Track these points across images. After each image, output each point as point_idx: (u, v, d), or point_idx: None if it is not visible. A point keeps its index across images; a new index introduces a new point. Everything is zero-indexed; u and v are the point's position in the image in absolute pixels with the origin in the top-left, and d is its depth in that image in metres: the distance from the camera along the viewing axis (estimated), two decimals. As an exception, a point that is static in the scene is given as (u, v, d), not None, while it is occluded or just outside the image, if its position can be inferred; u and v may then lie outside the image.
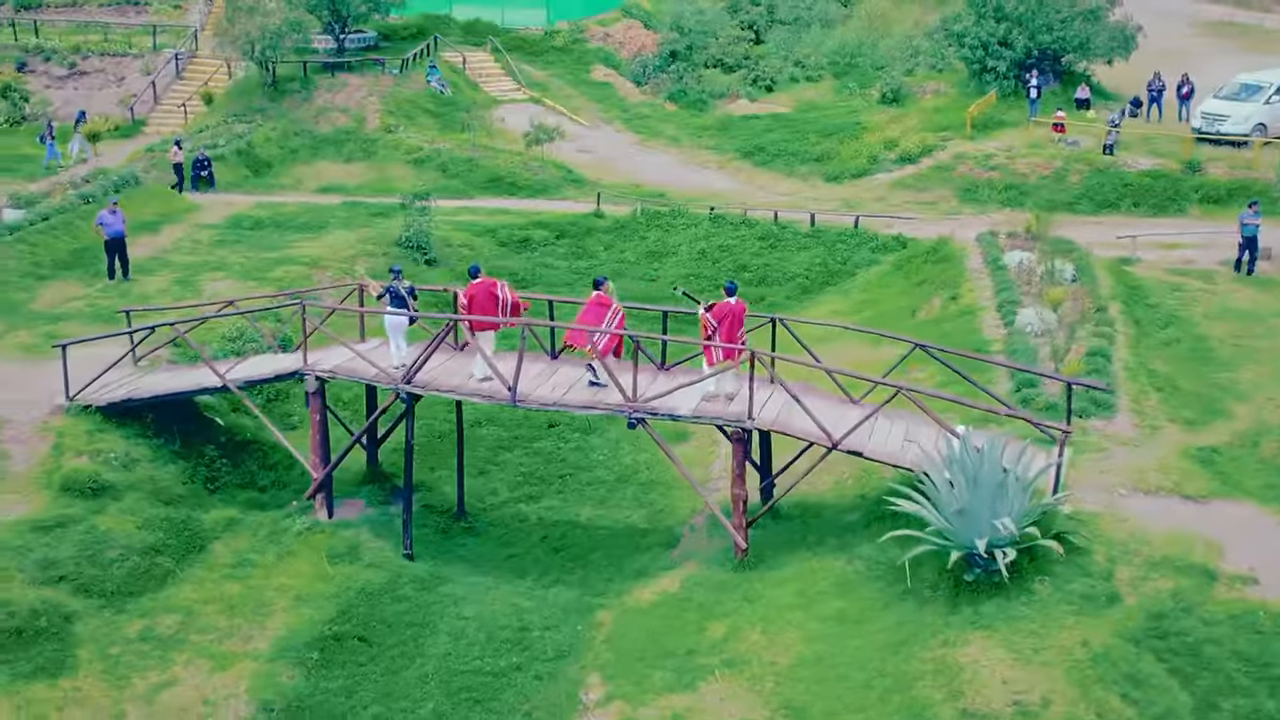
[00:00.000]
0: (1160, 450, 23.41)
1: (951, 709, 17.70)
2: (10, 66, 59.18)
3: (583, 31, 63.29)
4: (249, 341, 28.47)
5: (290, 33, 51.44)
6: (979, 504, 19.81)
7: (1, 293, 32.41)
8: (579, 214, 42.31)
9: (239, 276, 33.68)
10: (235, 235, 38.27)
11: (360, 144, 49.80)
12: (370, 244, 37.61)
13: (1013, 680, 17.89)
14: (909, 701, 18.12)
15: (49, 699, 20.00)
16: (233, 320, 28.66)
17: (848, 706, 18.53)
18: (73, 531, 22.91)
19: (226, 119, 51.95)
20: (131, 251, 35.85)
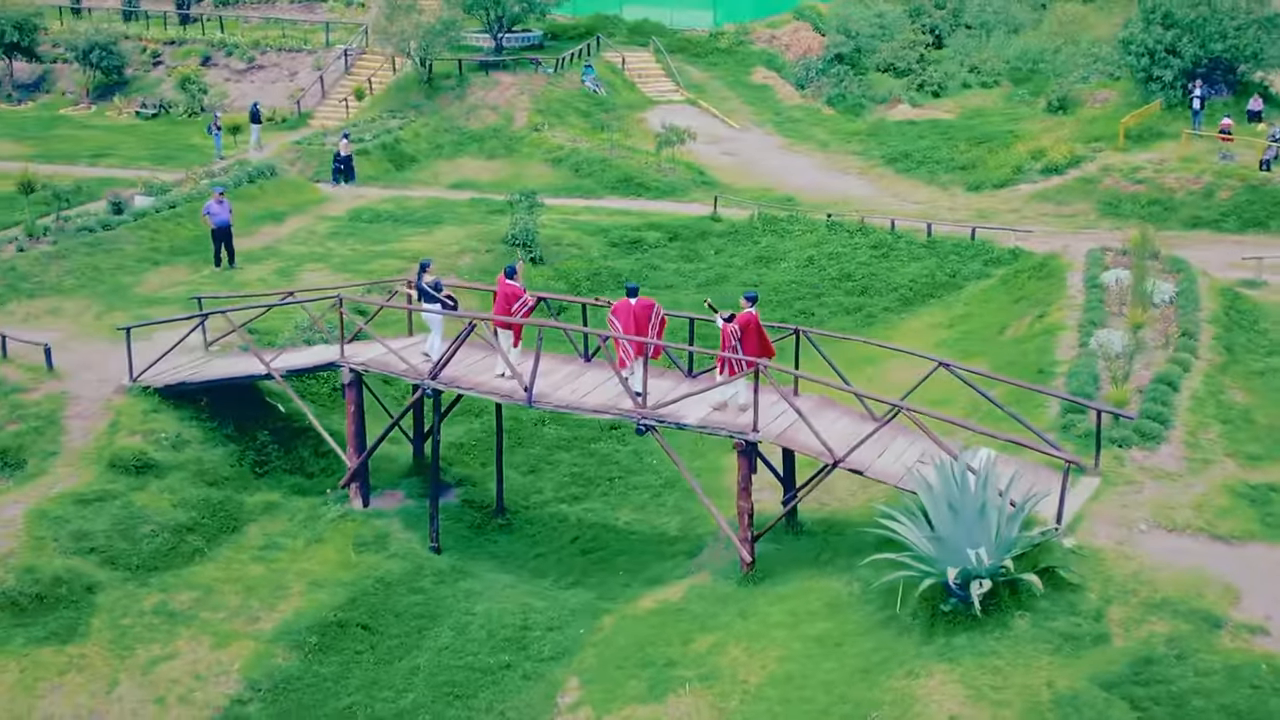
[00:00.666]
0: (1203, 486, 22.04)
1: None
2: (196, 60, 62.22)
3: (748, 33, 63.00)
4: (319, 332, 29.25)
5: (444, 31, 52.62)
6: (958, 531, 19.05)
7: (112, 276, 34.11)
8: (695, 217, 42.16)
9: (336, 269, 34.70)
10: (351, 228, 39.39)
11: (504, 141, 50.64)
12: (477, 240, 38.24)
13: (960, 717, 17.15)
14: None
15: (53, 663, 21.00)
16: (306, 311, 29.50)
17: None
18: (110, 506, 24.01)
19: (381, 114, 53.54)
20: (251, 241, 37.37)
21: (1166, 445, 23.25)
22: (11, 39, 62.37)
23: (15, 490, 24.36)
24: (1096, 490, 21.70)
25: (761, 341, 22.71)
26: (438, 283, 25.89)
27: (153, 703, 20.52)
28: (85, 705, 20.30)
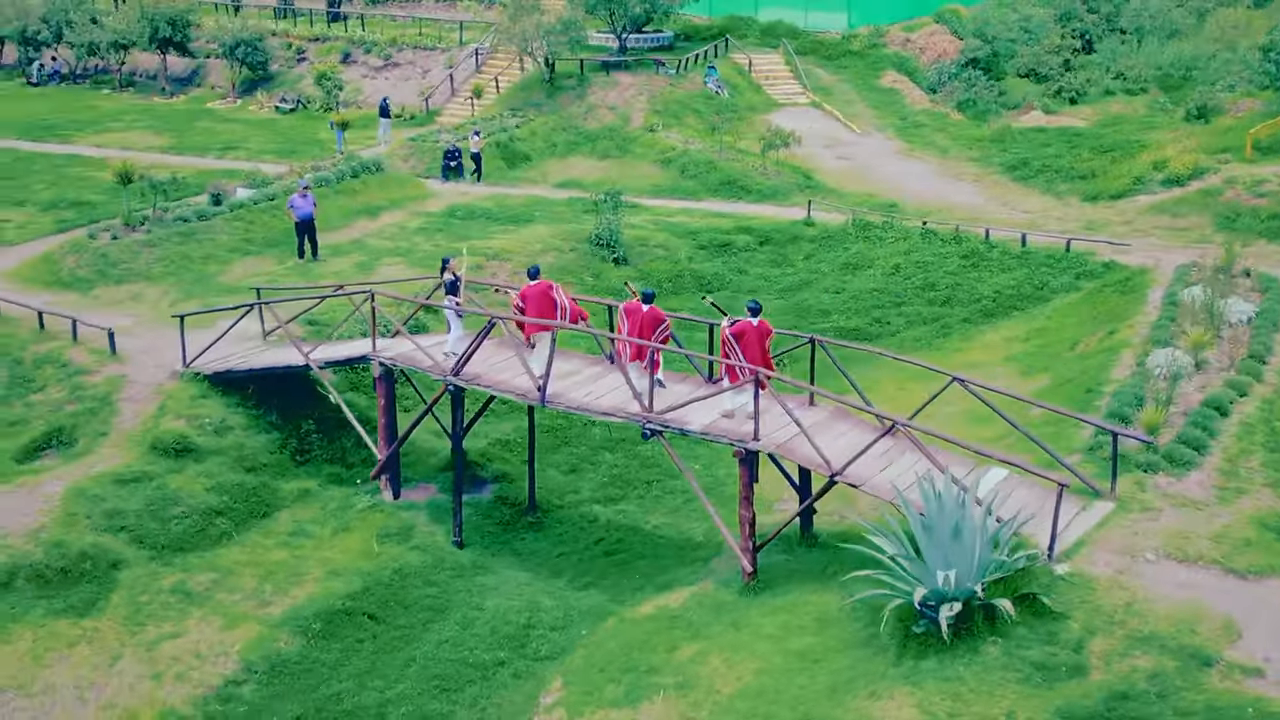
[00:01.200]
0: (1229, 516, 20.98)
1: (837, 764, 16.73)
2: (336, 57, 63.94)
3: (882, 36, 62.01)
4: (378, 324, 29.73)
5: (564, 31, 53.06)
6: (933, 552, 18.50)
7: (200, 265, 35.28)
8: (789, 221, 41.69)
9: (415, 263, 35.25)
10: (442, 224, 40.00)
11: (618, 141, 50.81)
12: (561, 239, 38.45)
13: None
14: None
15: (67, 635, 21.85)
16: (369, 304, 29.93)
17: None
18: (145, 487, 24.87)
19: (503, 112, 54.24)
20: (341, 235, 38.28)
21: (1198, 472, 22.18)
22: (165, 34, 64.94)
23: (62, 468, 25.40)
24: (1108, 516, 20.85)
25: (763, 353, 22.33)
26: (456, 280, 26.15)
27: (150, 678, 21.19)
28: (86, 677, 21.05)
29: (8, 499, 24.14)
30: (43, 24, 69.46)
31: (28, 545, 23.04)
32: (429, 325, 30.90)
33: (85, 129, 56.34)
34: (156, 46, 65.77)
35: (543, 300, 24.21)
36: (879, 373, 29.77)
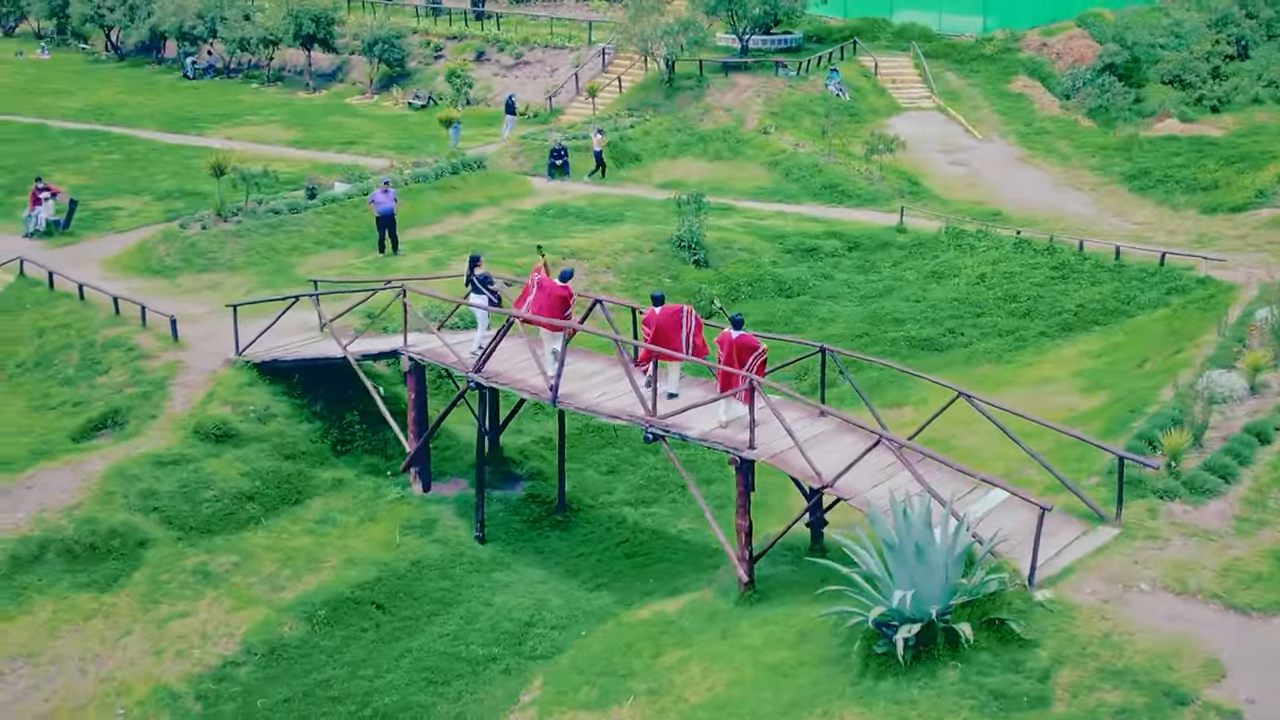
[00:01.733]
0: (1244, 549, 19.95)
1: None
2: (470, 55, 65.03)
3: (1018, 40, 60.44)
4: (434, 319, 30.21)
5: (682, 31, 53.03)
6: (899, 571, 18.05)
7: (285, 256, 36.30)
8: (882, 227, 41.00)
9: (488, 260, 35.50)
10: (530, 222, 40.36)
11: (730, 143, 50.59)
12: (644, 240, 38.47)
13: (847, 764, 16.34)
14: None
15: (84, 608, 22.74)
16: (430, 298, 30.31)
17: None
18: (182, 470, 25.71)
19: (621, 112, 54.48)
20: (429, 230, 38.98)
21: (1219, 501, 21.15)
22: (309, 31, 66.87)
23: (109, 448, 26.41)
24: (1109, 542, 20.05)
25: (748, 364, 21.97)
26: (487, 276, 26.38)
27: (152, 654, 21.91)
28: (93, 650, 21.87)
29: (54, 476, 25.18)
30: (198, 20, 72.17)
31: (62, 521, 24.02)
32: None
33: (223, 122, 58.46)
34: (301, 43, 67.76)
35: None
36: (924, 389, 29.10)
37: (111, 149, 51.86)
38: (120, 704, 20.72)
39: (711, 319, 27.31)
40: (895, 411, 28.24)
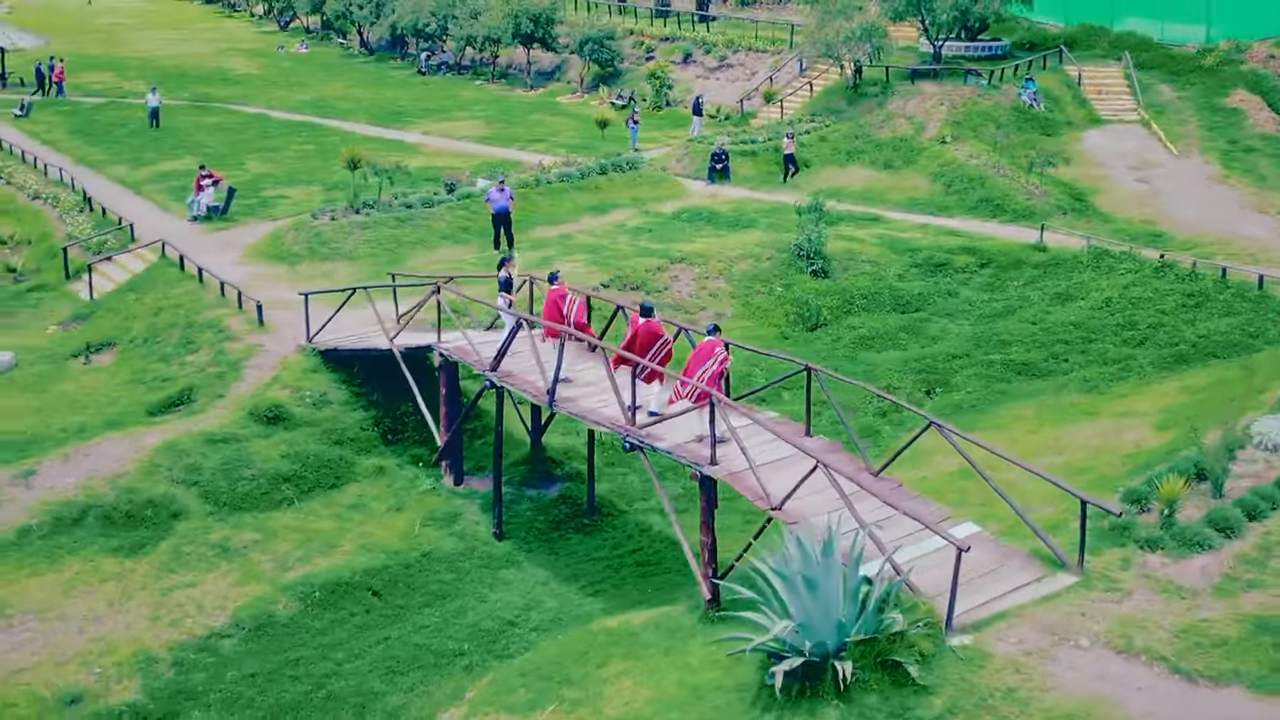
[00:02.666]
0: (1218, 610, 18.41)
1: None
2: (678, 57, 65.43)
3: (1242, 51, 56.64)
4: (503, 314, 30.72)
5: (865, 37, 52.02)
6: (793, 603, 17.47)
7: (406, 249, 37.53)
8: (1021, 244, 39.28)
9: (592, 263, 35.99)
10: (658, 226, 40.42)
11: (904, 152, 49.34)
12: (765, 248, 38.03)
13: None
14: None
15: (105, 571, 24.19)
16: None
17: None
18: (228, 448, 26.99)
19: (805, 117, 53.87)
20: (555, 229, 39.65)
21: (1209, 557, 19.55)
22: (527, 30, 68.60)
23: (173, 422, 27.99)
24: (1061, 590, 18.82)
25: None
26: (508, 279, 26.67)
27: (148, 619, 23.11)
28: (96, 611, 23.24)
29: (114, 446, 26.85)
30: (431, 17, 75.01)
31: (106, 489, 25.62)
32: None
33: (426, 117, 60.68)
34: (520, 41, 69.59)
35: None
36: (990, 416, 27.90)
37: (309, 140, 54.63)
38: (100, 664, 21.95)
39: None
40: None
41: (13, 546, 24.48)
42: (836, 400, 22.84)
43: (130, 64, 76.09)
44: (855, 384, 23.03)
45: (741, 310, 35.61)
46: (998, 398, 30.73)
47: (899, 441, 27.44)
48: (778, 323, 35.27)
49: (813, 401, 23.27)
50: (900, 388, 31.63)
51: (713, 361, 22.09)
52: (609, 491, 27.69)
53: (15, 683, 21.39)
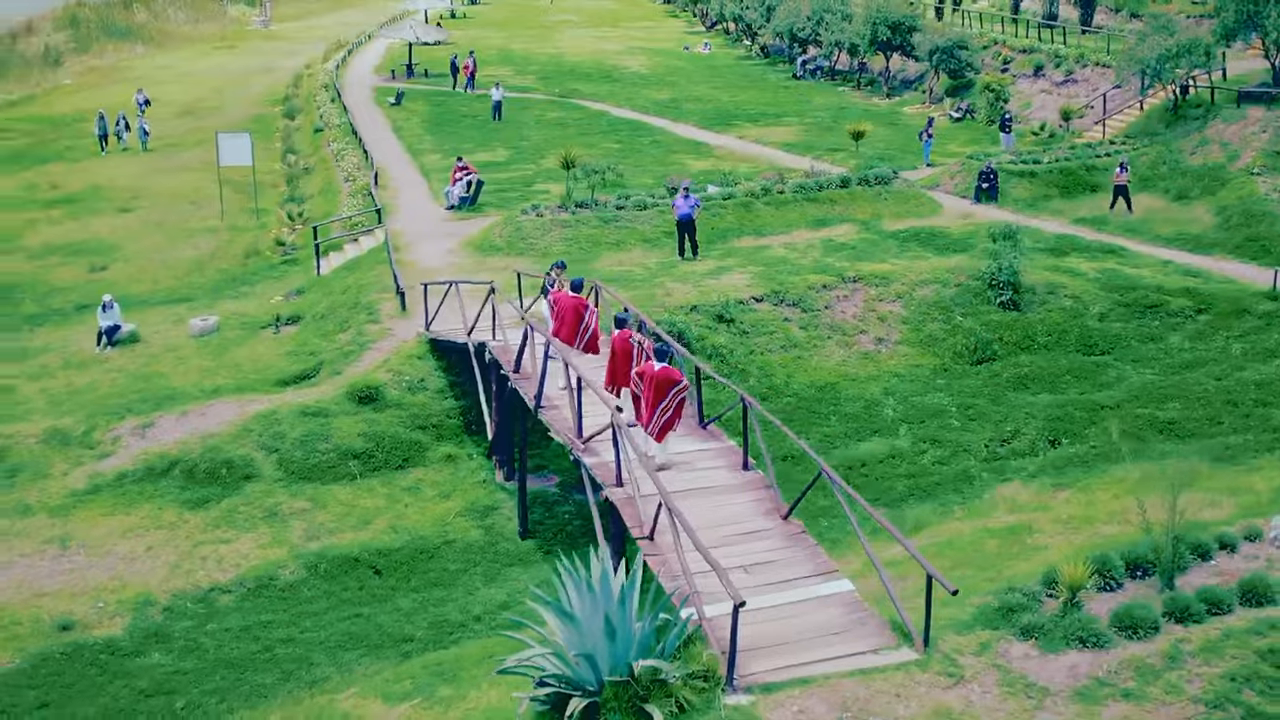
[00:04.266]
0: (1060, 714, 16.54)
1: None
2: (1029, 69, 62.47)
3: None
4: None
5: (1182, 55, 47.83)
6: (567, 637, 17.24)
7: (596, 249, 38.49)
8: (1252, 289, 35.21)
9: (758, 276, 35.51)
10: (866, 243, 39.01)
11: (1205, 182, 45.14)
12: (957, 274, 36.15)
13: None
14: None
15: (164, 520, 26.74)
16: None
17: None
18: (315, 421, 29.06)
19: (1122, 139, 50.30)
20: (764, 240, 39.43)
21: (1087, 655, 17.33)
22: (884, 37, 67.54)
23: (288, 392, 30.39)
24: (890, 665, 17.36)
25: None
26: (551, 283, 27.03)
27: (169, 567, 25.37)
28: (133, 553, 25.73)
29: (224, 409, 29.57)
30: (806, 22, 75.23)
31: (196, 446, 28.32)
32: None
33: (756, 121, 61.24)
34: (878, 49, 68.61)
35: (570, 313, 24.42)
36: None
37: (622, 139, 56.51)
38: (105, 599, 24.43)
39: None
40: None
41: (106, 488, 27.58)
42: (763, 437, 21.72)
43: (536, 60, 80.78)
44: (777, 424, 21.79)
45: (910, 336, 34.17)
46: (1116, 455, 28.10)
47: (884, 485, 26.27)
48: (942, 354, 33.60)
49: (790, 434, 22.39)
50: (1024, 433, 29.55)
51: (674, 392, 21.68)
52: (658, 504, 27.58)
53: (32, 604, 24.16)
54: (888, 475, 28.52)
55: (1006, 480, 27.88)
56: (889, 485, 28.07)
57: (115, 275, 43.35)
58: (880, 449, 29.68)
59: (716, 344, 32.34)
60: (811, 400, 31.56)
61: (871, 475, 28.47)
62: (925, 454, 29.36)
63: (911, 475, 28.44)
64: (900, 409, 31.22)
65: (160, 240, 46.95)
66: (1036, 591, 18.74)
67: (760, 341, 33.03)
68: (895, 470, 28.72)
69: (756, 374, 32.10)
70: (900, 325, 34.48)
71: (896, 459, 29.23)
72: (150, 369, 33.56)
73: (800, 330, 33.76)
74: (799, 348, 33.17)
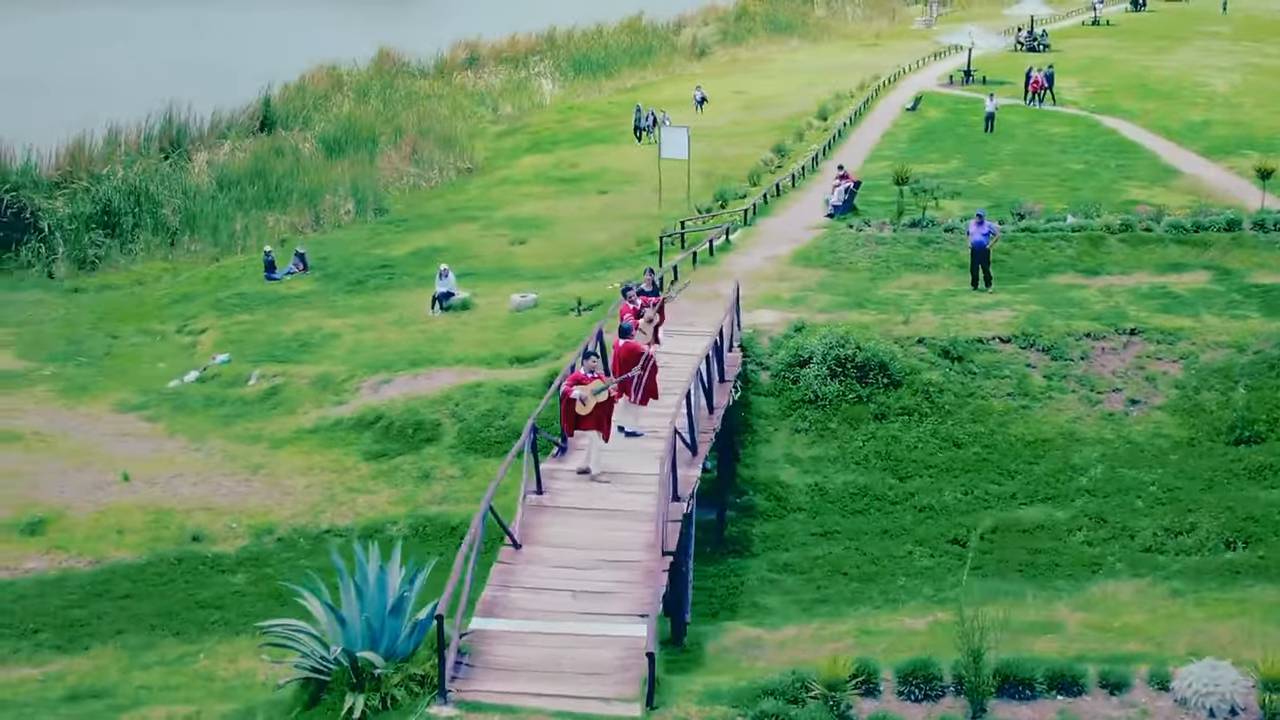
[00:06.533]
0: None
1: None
2: None
3: None
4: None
5: None
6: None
7: (907, 269, 37.30)
8: None
9: (1025, 317, 32.86)
10: (1160, 295, 34.78)
11: None
12: (1254, 337, 31.42)
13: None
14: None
15: (342, 464, 29.96)
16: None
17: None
18: (505, 399, 31.23)
19: None
20: (1089, 281, 36.40)
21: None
22: None
23: (509, 369, 32.80)
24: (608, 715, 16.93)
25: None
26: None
27: (309, 505, 28.26)
28: (293, 487, 28.95)
29: (443, 376, 32.73)
30: None
31: (401, 406, 31.73)
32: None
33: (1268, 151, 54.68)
34: None
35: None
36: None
37: (1090, 160, 52.44)
38: (240, 521, 27.92)
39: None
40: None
41: (323, 430, 31.78)
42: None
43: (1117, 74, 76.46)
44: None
45: (1174, 402, 30.30)
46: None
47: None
48: (1198, 427, 29.62)
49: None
50: (1203, 527, 25.75)
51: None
52: (748, 531, 27.23)
53: (191, 514, 28.37)
54: (1012, 546, 25.98)
55: (1139, 575, 24.60)
56: (1005, 557, 25.59)
57: (529, 249, 47.79)
58: (1034, 517, 27.06)
59: (927, 380, 30.66)
60: (1007, 454, 29.16)
61: (996, 544, 26.08)
62: (1076, 533, 26.39)
63: (1039, 551, 25.71)
64: (1097, 480, 28.12)
65: (593, 221, 50.80)
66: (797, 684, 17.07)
67: (987, 385, 30.87)
68: (1026, 543, 26.10)
69: (965, 418, 30.12)
70: (1169, 389, 30.71)
71: (1041, 531, 26.55)
72: (448, 334, 37.16)
73: (1042, 379, 31.09)
74: (1029, 396, 30.61)
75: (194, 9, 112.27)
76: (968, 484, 28.15)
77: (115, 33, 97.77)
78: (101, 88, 71.06)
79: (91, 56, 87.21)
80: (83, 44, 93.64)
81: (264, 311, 41.87)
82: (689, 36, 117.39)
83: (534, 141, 72.77)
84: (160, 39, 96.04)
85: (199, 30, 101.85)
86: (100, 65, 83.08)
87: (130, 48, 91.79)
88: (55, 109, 62.67)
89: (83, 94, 68.01)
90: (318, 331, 38.71)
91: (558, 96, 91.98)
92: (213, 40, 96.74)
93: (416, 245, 49.17)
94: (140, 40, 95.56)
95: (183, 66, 79.46)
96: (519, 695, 17.15)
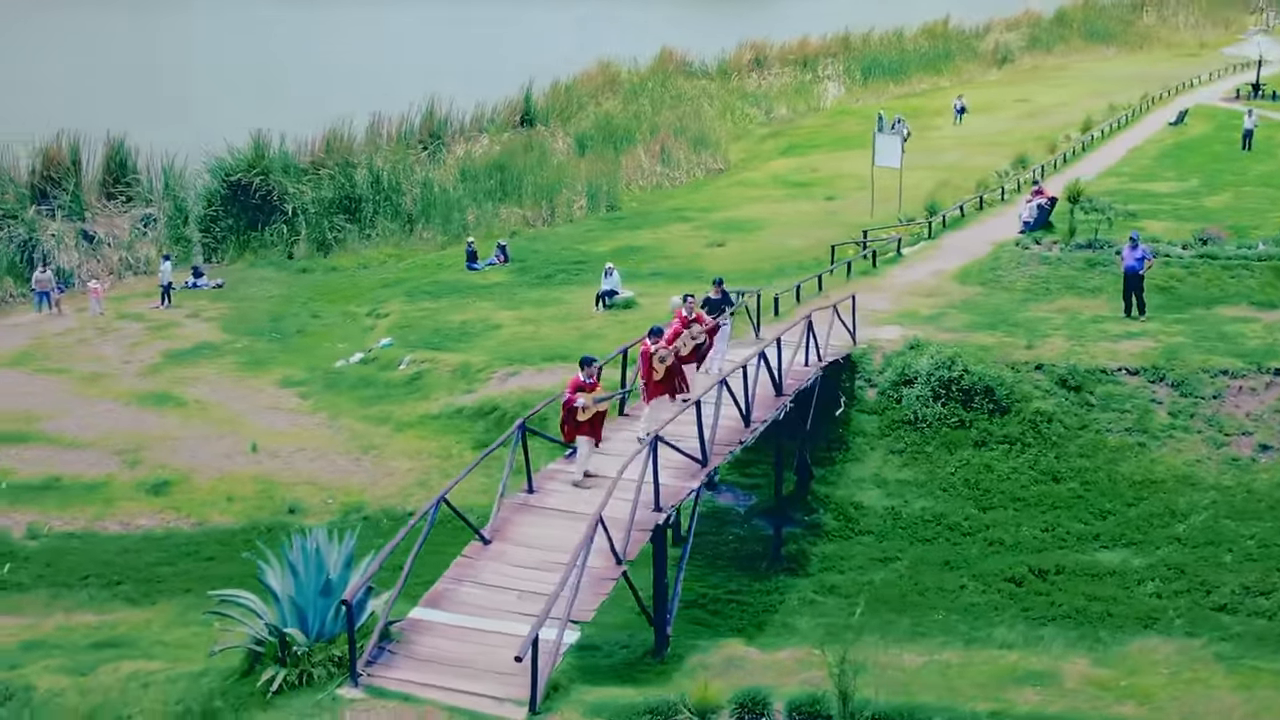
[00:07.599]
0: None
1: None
2: None
3: None
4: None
5: None
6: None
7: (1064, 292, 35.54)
8: None
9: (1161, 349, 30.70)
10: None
11: None
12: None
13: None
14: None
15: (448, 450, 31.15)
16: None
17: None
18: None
19: None
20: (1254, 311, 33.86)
21: None
22: None
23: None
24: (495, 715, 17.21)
25: None
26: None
27: (400, 487, 29.55)
28: (397, 469, 30.28)
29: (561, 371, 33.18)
30: None
31: (514, 398, 32.60)
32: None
33: None
34: None
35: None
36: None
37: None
38: (334, 497, 29.38)
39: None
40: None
41: (445, 417, 33.16)
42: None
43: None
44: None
45: (1296, 451, 27.95)
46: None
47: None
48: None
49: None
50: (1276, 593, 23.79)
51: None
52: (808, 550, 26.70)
53: (297, 487, 30.00)
54: (1071, 590, 24.46)
55: (1193, 635, 22.86)
56: (1059, 600, 24.14)
57: (724, 251, 47.92)
58: (1108, 561, 25.39)
59: (1036, 409, 29.15)
60: (1107, 493, 27.39)
61: (1056, 586, 24.65)
62: (1148, 583, 24.64)
63: (1096, 598, 24.10)
64: (1194, 529, 26.13)
65: (802, 227, 50.45)
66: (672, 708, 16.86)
67: (1104, 418, 29.11)
68: (1088, 588, 24.50)
69: (1072, 451, 28.48)
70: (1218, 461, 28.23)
71: (1110, 577, 24.91)
72: (601, 331, 37.74)
73: (1167, 415, 29.03)
74: (1147, 434, 28.67)
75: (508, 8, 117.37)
76: (1051, 521, 26.67)
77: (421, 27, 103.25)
78: (402, 80, 75.01)
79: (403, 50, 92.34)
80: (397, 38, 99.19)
81: (447, 300, 43.56)
82: (992, 42, 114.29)
83: (791, 144, 72.64)
84: (452, 34, 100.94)
85: (500, 23, 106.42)
86: (394, 60, 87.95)
87: (421, 43, 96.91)
88: (347, 99, 66.06)
89: (371, 86, 72.12)
90: (484, 322, 40.03)
91: (838, 100, 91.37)
92: (513, 35, 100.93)
93: (617, 243, 50.02)
94: (429, 36, 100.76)
95: (469, 63, 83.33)
96: (423, 687, 17.66)
